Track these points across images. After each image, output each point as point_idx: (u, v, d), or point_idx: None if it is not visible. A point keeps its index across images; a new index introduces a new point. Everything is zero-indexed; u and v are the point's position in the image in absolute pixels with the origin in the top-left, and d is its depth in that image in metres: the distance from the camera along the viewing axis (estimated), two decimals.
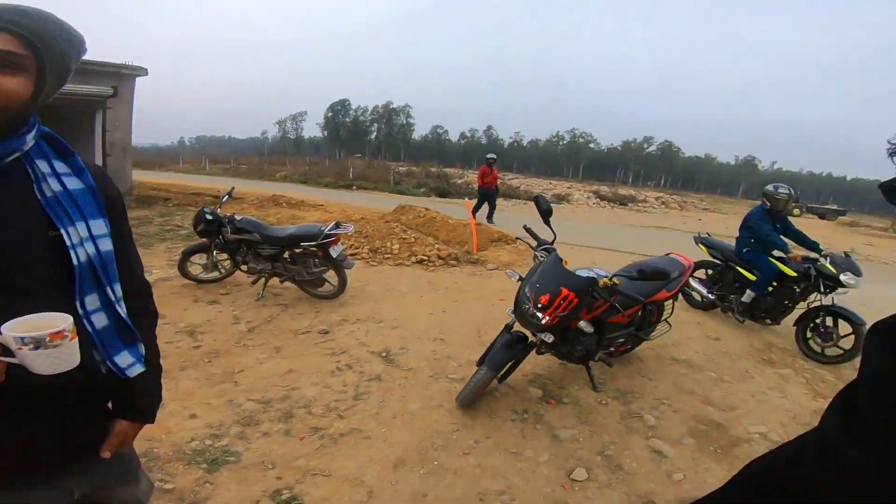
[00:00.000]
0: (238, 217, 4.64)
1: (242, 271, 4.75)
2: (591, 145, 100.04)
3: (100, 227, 0.85)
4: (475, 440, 2.57)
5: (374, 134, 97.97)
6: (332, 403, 2.83)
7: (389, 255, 6.27)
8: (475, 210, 9.81)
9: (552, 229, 3.02)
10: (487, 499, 2.19)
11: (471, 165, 74.00)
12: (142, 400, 1.01)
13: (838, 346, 4.02)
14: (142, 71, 10.94)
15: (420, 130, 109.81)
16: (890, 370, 0.61)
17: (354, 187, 21.48)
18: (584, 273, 2.78)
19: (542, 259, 2.86)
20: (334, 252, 4.37)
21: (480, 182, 10.73)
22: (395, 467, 2.32)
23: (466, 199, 12.03)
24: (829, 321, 4.06)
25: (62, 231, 0.80)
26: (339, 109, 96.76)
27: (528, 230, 3.22)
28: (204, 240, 4.67)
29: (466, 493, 2.21)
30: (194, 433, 2.46)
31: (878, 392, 0.60)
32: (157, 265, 5.45)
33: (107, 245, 0.86)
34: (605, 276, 2.72)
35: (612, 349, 3.31)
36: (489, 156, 10.74)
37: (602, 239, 10.52)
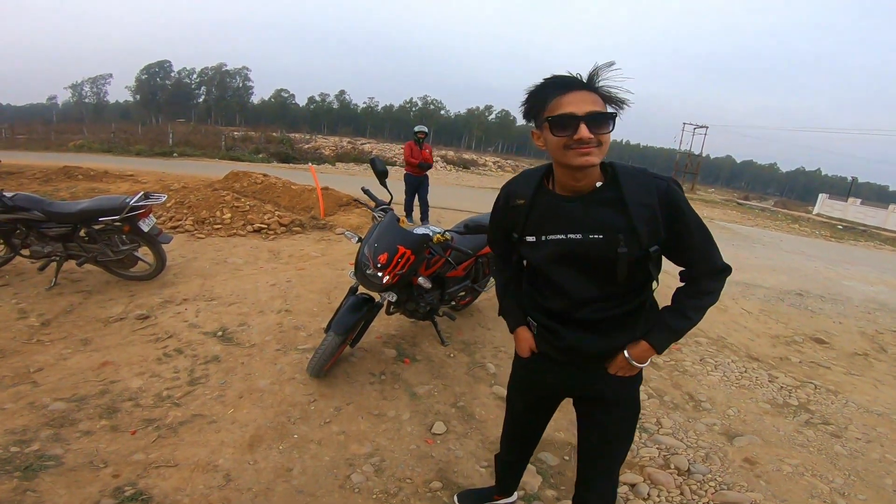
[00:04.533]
0: (9, 194, 3.74)
1: (24, 256, 3.89)
2: (442, 112, 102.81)
3: None
4: (335, 408, 2.54)
5: (203, 97, 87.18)
6: (165, 392, 2.57)
7: (220, 226, 5.70)
8: (406, 209, 7.53)
9: (388, 190, 3.04)
10: (357, 463, 2.19)
11: (320, 130, 71.39)
12: None
13: None
14: None
15: (262, 94, 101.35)
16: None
17: (175, 154, 18.79)
18: (419, 231, 2.86)
19: (379, 219, 2.86)
20: (145, 226, 3.81)
21: (408, 166, 7.40)
22: (250, 447, 2.20)
23: (310, 163, 11.38)
24: None
25: None
26: (156, 72, 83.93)
27: (365, 192, 3.19)
28: None
29: (335, 461, 2.18)
30: None
31: None
32: None
33: None
34: (439, 233, 2.83)
35: (454, 303, 3.52)
36: (418, 128, 7.36)
37: (448, 200, 11.09)
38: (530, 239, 1.37)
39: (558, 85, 1.21)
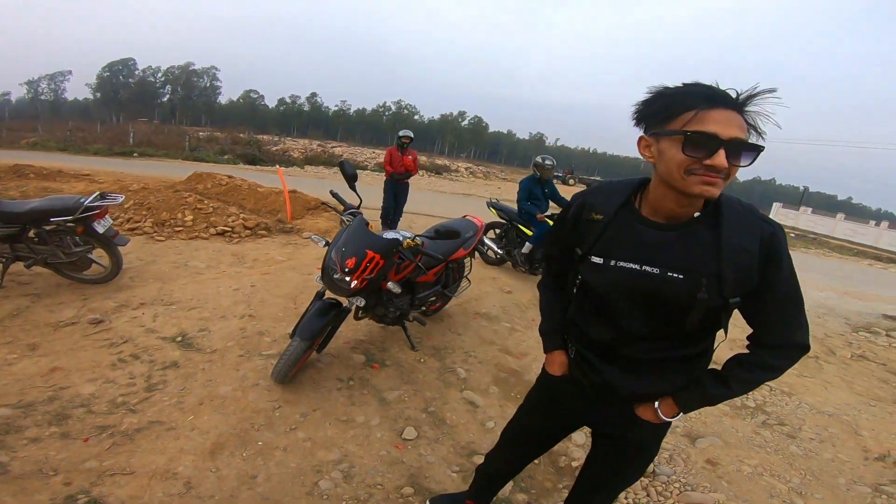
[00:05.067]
0: None
1: None
2: (416, 117, 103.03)
3: None
4: (301, 414, 2.51)
5: (168, 97, 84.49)
6: (119, 398, 2.50)
7: (181, 228, 5.50)
8: (383, 216, 7.13)
9: (358, 194, 3.01)
10: (325, 469, 2.16)
11: (290, 133, 70.31)
12: None
13: None
14: None
15: (230, 95, 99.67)
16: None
17: (136, 154, 18.20)
18: (388, 235, 2.84)
19: (347, 223, 2.83)
20: (100, 227, 3.64)
21: (388, 173, 6.93)
22: (211, 454, 2.16)
23: (278, 165, 11.17)
24: None
25: None
26: (119, 69, 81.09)
27: (334, 195, 3.15)
28: None
29: (301, 468, 2.15)
30: None
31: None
32: None
33: None
34: (409, 237, 2.82)
35: (425, 308, 3.52)
36: (402, 133, 6.84)
37: (420, 205, 11.11)
38: (596, 260, 1.20)
39: (705, 96, 1.02)
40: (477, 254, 4.44)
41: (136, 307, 3.55)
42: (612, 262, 1.17)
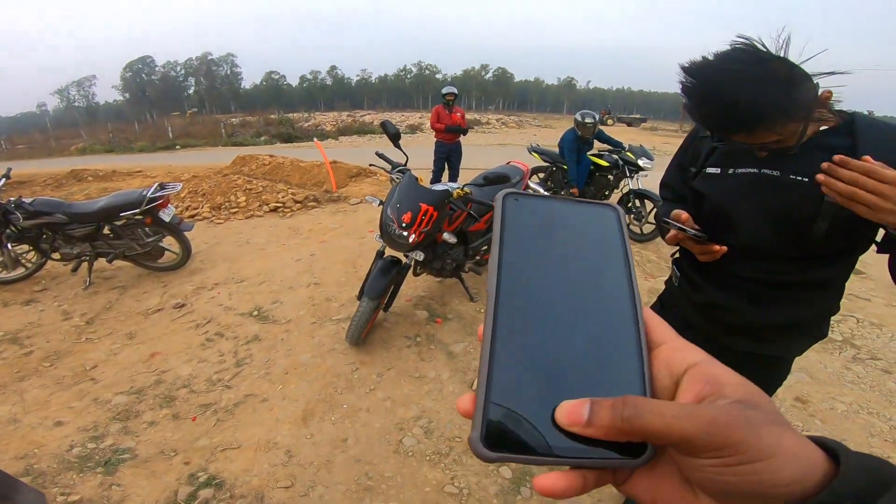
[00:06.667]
0: (28, 200, 3.75)
1: (55, 260, 3.93)
2: (438, 76, 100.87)
3: None
4: (377, 374, 2.58)
5: (193, 88, 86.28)
6: (214, 376, 2.65)
7: (237, 209, 5.72)
8: (433, 181, 6.45)
9: (403, 151, 2.98)
10: (406, 427, 2.21)
11: (317, 107, 70.76)
12: None
13: (650, 222, 4.82)
14: None
15: (253, 79, 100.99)
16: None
17: (178, 147, 18.90)
18: (438, 187, 2.84)
19: (398, 180, 2.84)
20: (166, 216, 3.81)
21: (438, 133, 6.33)
22: (304, 421, 2.26)
23: (315, 139, 11.28)
24: (637, 202, 4.88)
25: None
26: (140, 68, 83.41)
27: (380, 155, 3.15)
28: None
29: (385, 427, 2.22)
30: (70, 440, 2.22)
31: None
32: None
33: None
34: (458, 188, 2.82)
35: (479, 258, 3.52)
36: (446, 90, 6.25)
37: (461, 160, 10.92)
38: (712, 170, 1.13)
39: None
40: None
41: (212, 288, 3.73)
42: (730, 171, 1.09)
